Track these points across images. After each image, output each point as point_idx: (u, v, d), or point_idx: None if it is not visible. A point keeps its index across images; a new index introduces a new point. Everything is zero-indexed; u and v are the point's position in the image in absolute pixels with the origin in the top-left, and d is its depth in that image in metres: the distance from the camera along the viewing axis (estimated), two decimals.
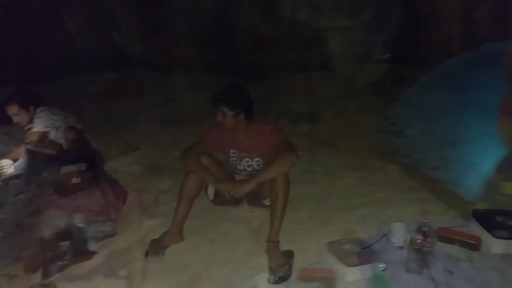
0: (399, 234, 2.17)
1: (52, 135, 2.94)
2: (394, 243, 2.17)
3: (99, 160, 2.70)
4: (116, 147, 3.99)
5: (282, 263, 2.05)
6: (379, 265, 1.92)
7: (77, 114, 3.26)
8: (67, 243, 2.14)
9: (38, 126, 2.86)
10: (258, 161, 2.41)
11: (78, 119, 3.19)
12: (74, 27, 5.70)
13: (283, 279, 1.98)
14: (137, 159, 3.73)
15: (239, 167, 2.47)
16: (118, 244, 2.35)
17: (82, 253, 2.21)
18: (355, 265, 1.95)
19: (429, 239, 1.98)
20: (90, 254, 2.23)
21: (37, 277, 2.08)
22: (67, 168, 2.42)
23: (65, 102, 3.78)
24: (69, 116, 3.13)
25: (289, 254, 2.15)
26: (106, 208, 2.43)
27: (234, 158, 2.45)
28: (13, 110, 2.85)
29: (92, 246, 2.28)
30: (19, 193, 2.35)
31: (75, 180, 2.38)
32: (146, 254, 2.20)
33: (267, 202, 2.38)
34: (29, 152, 2.62)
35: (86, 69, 5.49)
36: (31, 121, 2.95)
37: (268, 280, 1.99)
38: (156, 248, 2.24)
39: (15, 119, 2.90)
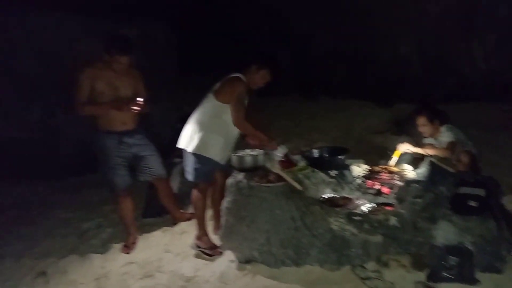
0: None
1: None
2: None
3: (497, 190, 2.62)
4: (507, 182, 3.70)
5: None
6: None
7: None
8: (455, 258, 2.25)
9: (448, 138, 3.15)
10: None
11: None
12: (481, 54, 5.70)
13: None
14: None
15: None
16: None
17: (467, 276, 2.24)
18: None
19: None
20: (474, 281, 2.23)
21: (422, 276, 2.33)
22: (465, 189, 2.51)
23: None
24: (468, 140, 3.24)
25: None
26: (497, 240, 2.34)
27: None
28: (421, 121, 3.28)
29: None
30: (417, 196, 2.68)
31: (472, 203, 2.43)
32: None
33: None
34: (432, 164, 2.93)
35: (482, 97, 5.38)
36: (432, 135, 3.30)
37: None
38: None
39: (420, 129, 3.33)
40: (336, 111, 7.38)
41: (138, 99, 3.00)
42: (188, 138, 3.00)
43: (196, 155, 2.96)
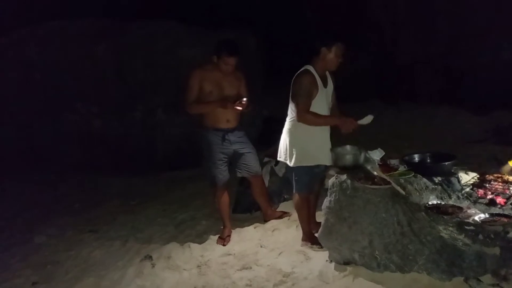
0: None
1: None
2: None
3: None
4: None
5: None
6: None
7: None
8: None
9: None
10: None
11: None
12: None
13: None
14: None
15: None
16: None
17: None
18: None
19: None
20: None
21: None
22: None
23: None
24: None
25: None
26: None
27: None
28: None
29: None
30: None
31: None
32: None
33: None
34: None
35: None
36: None
37: None
38: None
39: None
40: (422, 118, 7.02)
41: (242, 99, 3.15)
42: (285, 151, 3.06)
43: (297, 167, 3.02)
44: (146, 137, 5.52)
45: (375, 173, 2.98)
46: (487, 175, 3.05)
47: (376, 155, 3.34)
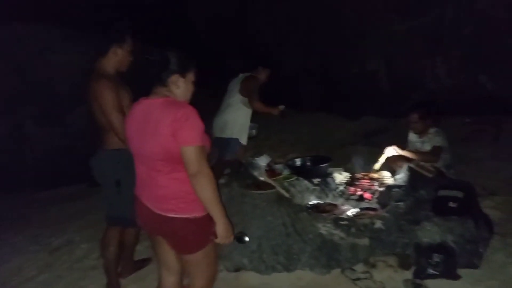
0: None
1: None
2: None
3: (473, 193, 2.81)
4: None
5: None
6: None
7: None
8: (440, 256, 2.38)
9: (435, 142, 3.32)
10: None
11: None
12: (445, 70, 6.08)
13: None
14: (496, 204, 3.57)
15: None
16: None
17: (450, 272, 2.38)
18: None
19: None
20: (456, 277, 2.37)
21: (408, 275, 2.44)
22: (445, 192, 2.68)
23: None
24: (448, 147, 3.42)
25: None
26: (476, 238, 2.51)
27: None
28: (414, 118, 3.42)
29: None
30: (399, 200, 2.81)
31: (451, 204, 2.59)
32: None
33: None
34: (410, 169, 3.08)
35: (446, 110, 5.68)
36: (421, 134, 3.46)
37: None
38: None
39: (412, 126, 3.49)
40: (305, 124, 7.56)
41: None
42: None
43: None
44: (13, 153, 4.80)
45: (261, 178, 3.09)
46: (356, 174, 3.40)
47: (263, 161, 3.47)
